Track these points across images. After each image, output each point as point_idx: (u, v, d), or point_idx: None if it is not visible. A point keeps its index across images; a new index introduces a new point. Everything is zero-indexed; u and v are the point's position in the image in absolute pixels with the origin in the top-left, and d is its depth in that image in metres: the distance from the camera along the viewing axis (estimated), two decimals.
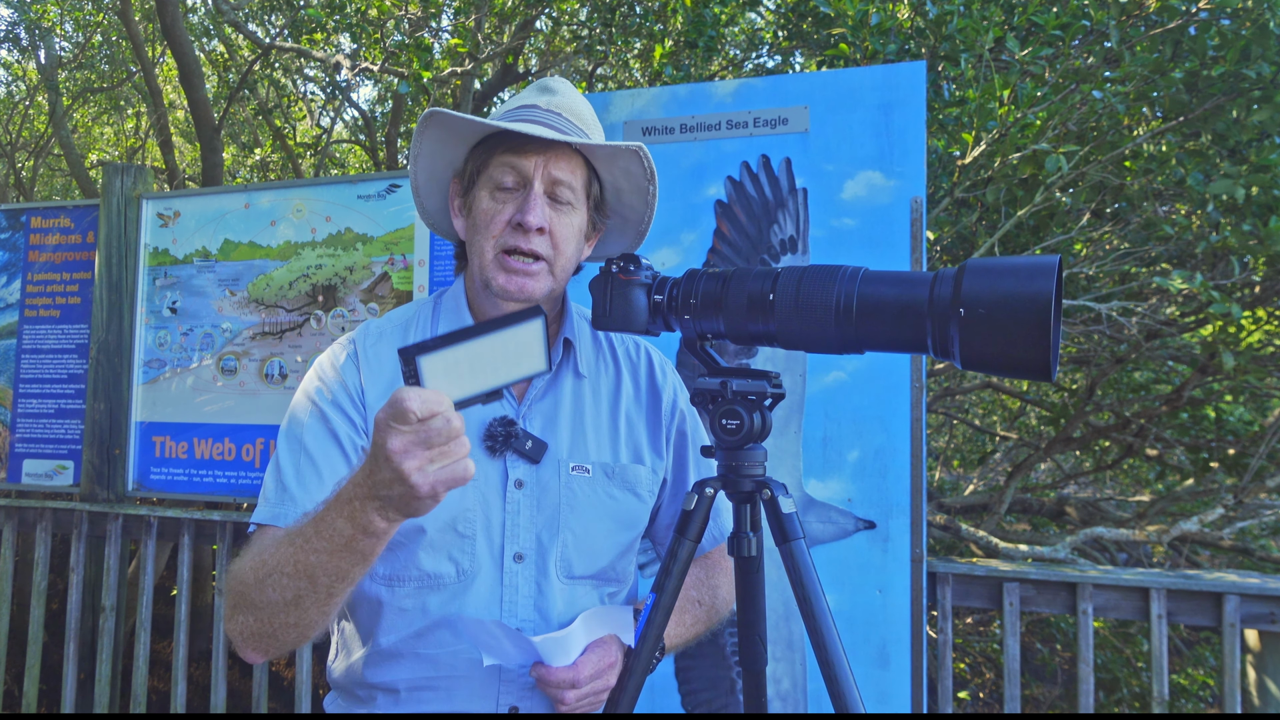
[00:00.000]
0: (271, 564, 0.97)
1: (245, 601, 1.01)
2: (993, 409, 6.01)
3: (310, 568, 0.93)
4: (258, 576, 0.99)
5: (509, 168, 1.14)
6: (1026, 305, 0.83)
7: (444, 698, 1.15)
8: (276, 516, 1.10)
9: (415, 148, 1.21)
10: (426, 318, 1.26)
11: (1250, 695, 2.21)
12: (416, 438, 0.81)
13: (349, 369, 1.19)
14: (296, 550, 0.94)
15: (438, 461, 0.82)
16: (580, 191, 1.18)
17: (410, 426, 0.81)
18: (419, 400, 0.80)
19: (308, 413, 1.16)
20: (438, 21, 5.51)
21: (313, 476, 1.11)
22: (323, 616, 0.99)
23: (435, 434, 0.81)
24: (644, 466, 1.25)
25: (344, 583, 0.95)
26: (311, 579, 0.94)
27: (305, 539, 0.94)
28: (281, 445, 1.16)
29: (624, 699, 1.03)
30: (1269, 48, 2.55)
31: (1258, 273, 2.92)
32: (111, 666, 2.96)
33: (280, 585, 0.96)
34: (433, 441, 0.81)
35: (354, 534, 0.90)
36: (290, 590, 0.96)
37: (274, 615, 0.98)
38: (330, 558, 0.92)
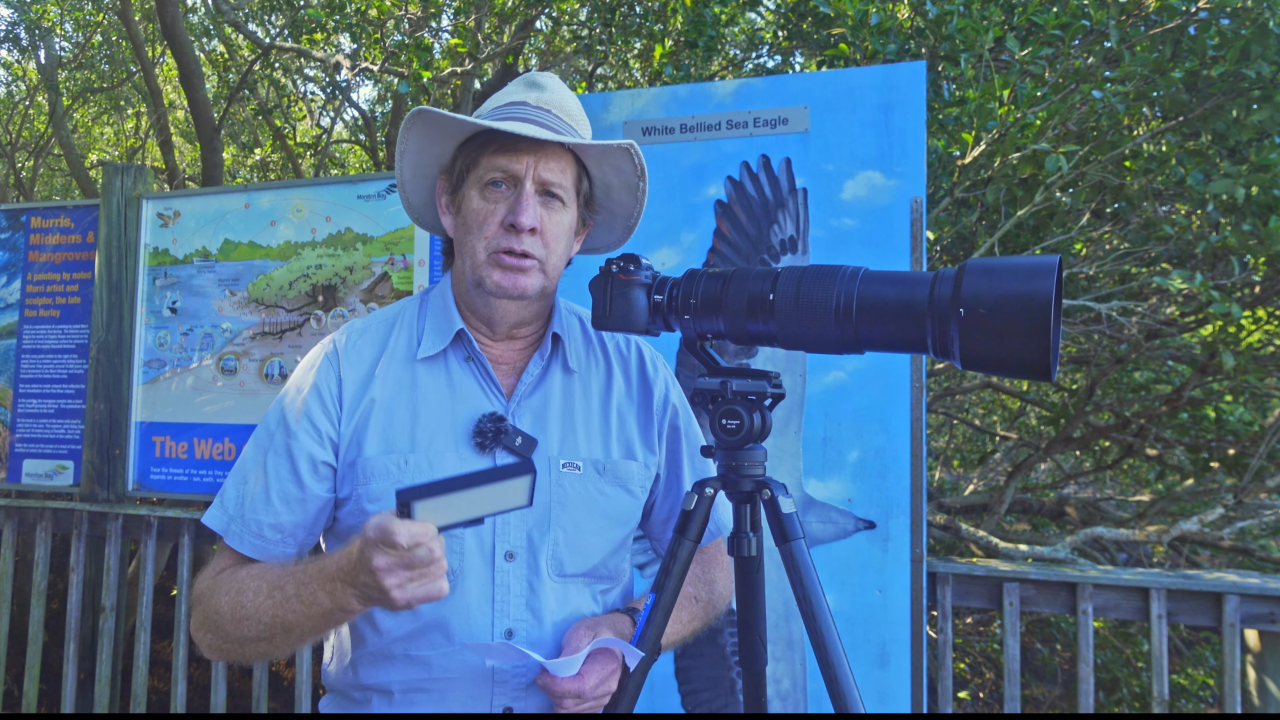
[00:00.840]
0: (249, 609, 1.07)
1: (217, 629, 1.11)
2: (993, 409, 6.01)
3: (287, 623, 1.04)
4: (234, 616, 1.08)
5: (500, 167, 1.13)
6: (1026, 305, 0.83)
7: (437, 699, 1.14)
8: (228, 532, 1.17)
9: (402, 144, 1.20)
10: (412, 316, 1.26)
11: (1250, 695, 2.21)
12: (400, 561, 0.90)
13: (325, 371, 1.20)
14: (275, 606, 1.04)
15: (416, 581, 0.92)
16: (570, 189, 1.17)
17: (395, 552, 0.90)
18: (406, 534, 0.88)
19: (277, 425, 1.19)
20: (438, 21, 5.51)
21: (263, 500, 1.16)
22: (291, 651, 1.10)
23: (417, 560, 0.90)
24: (636, 462, 1.24)
25: (317, 636, 1.07)
26: (287, 631, 1.05)
27: (285, 599, 1.04)
28: (249, 451, 1.21)
29: (624, 699, 1.03)
30: (1269, 47, 2.55)
31: (1258, 273, 2.92)
32: (111, 666, 2.96)
33: (255, 629, 1.07)
34: (414, 565, 0.90)
35: (332, 609, 1.00)
36: (265, 633, 1.06)
37: (245, 646, 1.10)
38: (308, 620, 1.03)
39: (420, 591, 0.92)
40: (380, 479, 1.14)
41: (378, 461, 1.15)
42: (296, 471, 1.15)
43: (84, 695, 2.98)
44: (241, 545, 1.16)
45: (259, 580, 1.08)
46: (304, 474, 1.15)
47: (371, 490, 1.14)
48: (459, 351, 1.21)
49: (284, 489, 1.15)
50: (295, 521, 1.16)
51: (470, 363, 1.21)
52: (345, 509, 1.17)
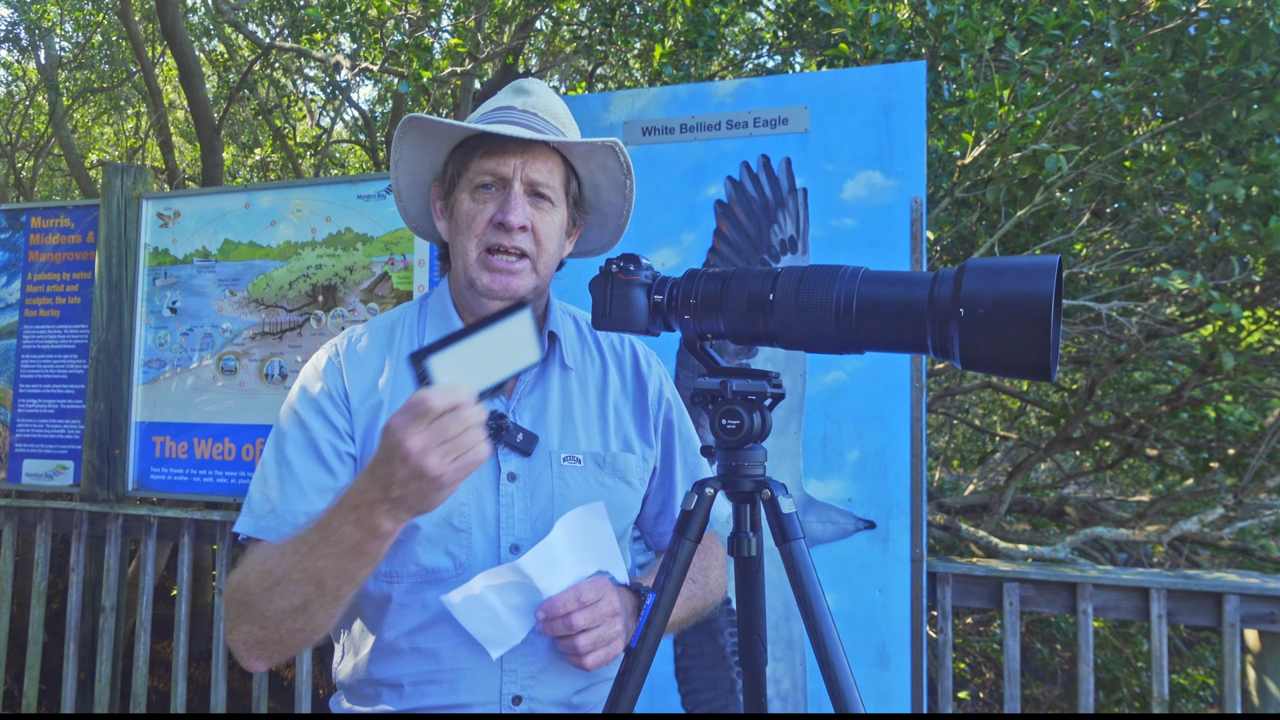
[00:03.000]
0: (278, 573, 1.01)
1: (251, 611, 1.05)
2: (993, 409, 6.01)
3: (318, 573, 0.97)
4: (264, 586, 1.03)
5: (488, 169, 1.16)
6: (1026, 305, 0.83)
7: (447, 690, 1.16)
8: (262, 529, 1.13)
9: (395, 153, 1.23)
10: (412, 320, 1.28)
11: (1250, 695, 2.21)
12: (434, 434, 0.85)
13: (331, 373, 1.21)
14: (303, 558, 0.98)
15: (454, 452, 0.86)
16: (559, 189, 1.20)
17: (427, 425, 0.85)
18: (439, 395, 0.85)
19: (290, 422, 1.19)
20: (438, 21, 5.51)
21: (294, 490, 1.14)
22: (328, 620, 1.03)
23: (449, 427, 0.85)
24: (634, 455, 1.28)
25: (351, 584, 0.99)
26: (320, 583, 0.98)
27: (311, 546, 0.98)
28: (268, 453, 1.19)
29: (624, 699, 1.02)
30: (1269, 48, 2.55)
31: (1258, 273, 2.92)
32: (111, 666, 2.96)
33: (288, 593, 1.00)
34: (448, 434, 0.86)
35: (362, 537, 0.94)
36: (299, 596, 0.99)
37: (281, 622, 1.02)
38: (338, 561, 0.96)
39: (461, 462, 0.87)
40: None
41: None
42: (323, 459, 1.16)
43: (84, 695, 2.98)
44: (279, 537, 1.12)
45: (283, 545, 1.05)
46: (330, 461, 1.16)
47: None
48: None
49: (315, 478, 1.15)
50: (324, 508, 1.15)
51: None
52: None
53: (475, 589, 1.07)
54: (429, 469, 0.86)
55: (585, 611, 1.08)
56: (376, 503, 0.91)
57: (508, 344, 0.91)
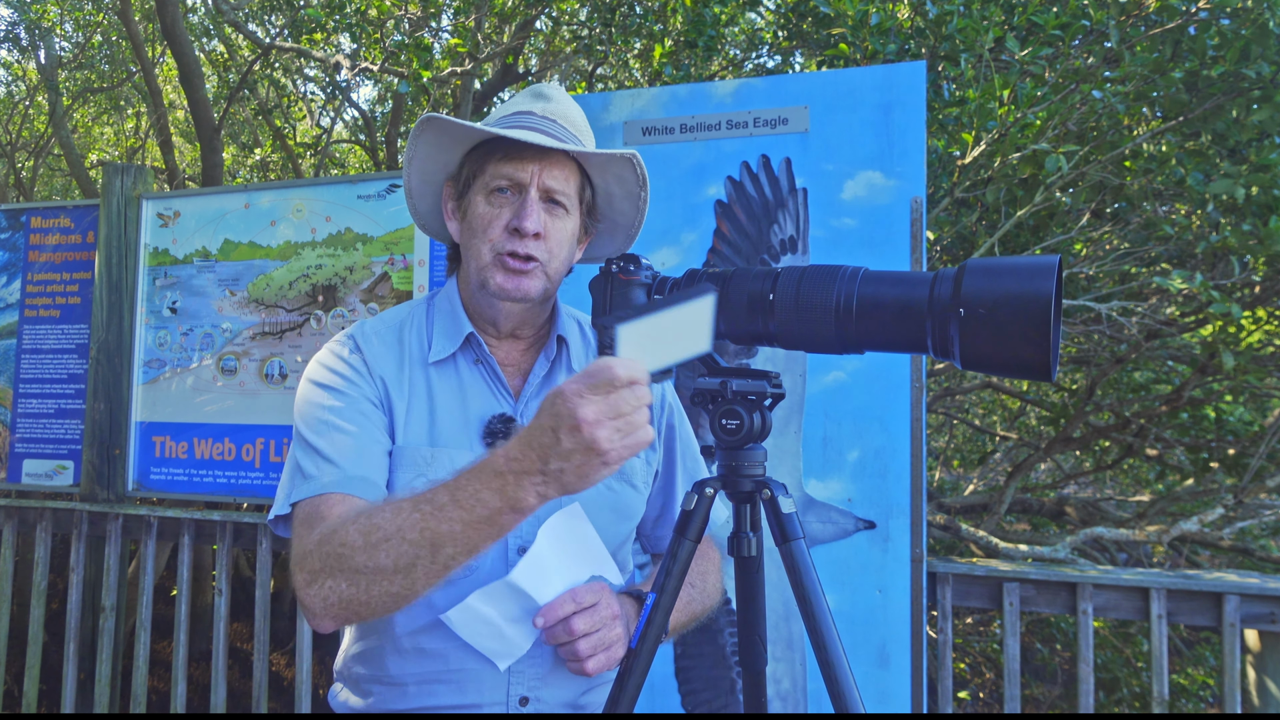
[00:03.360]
0: (388, 528, 0.95)
1: (345, 566, 0.97)
2: (993, 409, 6.01)
3: (439, 536, 0.92)
4: (368, 541, 0.95)
5: (506, 174, 1.15)
6: (1026, 305, 0.83)
7: (455, 690, 1.16)
8: (327, 485, 1.07)
9: (410, 150, 1.23)
10: (421, 319, 1.28)
11: (1250, 695, 2.21)
12: (609, 406, 0.82)
13: (355, 357, 1.20)
14: (424, 517, 0.92)
15: (624, 431, 0.83)
16: (574, 197, 1.20)
17: (604, 396, 0.82)
18: (624, 366, 0.82)
19: (325, 397, 1.15)
20: (438, 21, 5.51)
21: (349, 446, 1.10)
22: (428, 586, 0.97)
23: (625, 403, 0.83)
24: (638, 459, 1.28)
25: (468, 555, 0.94)
26: (435, 547, 0.92)
27: (438, 507, 0.92)
28: (303, 433, 1.14)
29: (624, 699, 1.03)
30: (1269, 48, 2.55)
31: (1258, 273, 2.92)
32: (111, 666, 2.96)
33: (397, 551, 0.94)
34: (623, 410, 0.83)
35: (501, 508, 0.89)
36: (407, 556, 0.93)
37: (378, 581, 0.96)
38: (465, 528, 0.91)
39: (631, 439, 0.84)
40: (407, 469, 1.16)
41: (406, 452, 1.17)
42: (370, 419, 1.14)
43: (84, 695, 2.98)
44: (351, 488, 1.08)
45: (396, 504, 0.97)
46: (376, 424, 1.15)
47: (396, 480, 1.15)
48: (468, 355, 1.24)
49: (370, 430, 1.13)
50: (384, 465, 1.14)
51: (480, 365, 1.24)
52: None
53: (471, 605, 1.06)
54: (599, 442, 0.82)
55: (584, 615, 1.07)
56: (529, 473, 0.86)
57: (688, 325, 0.88)
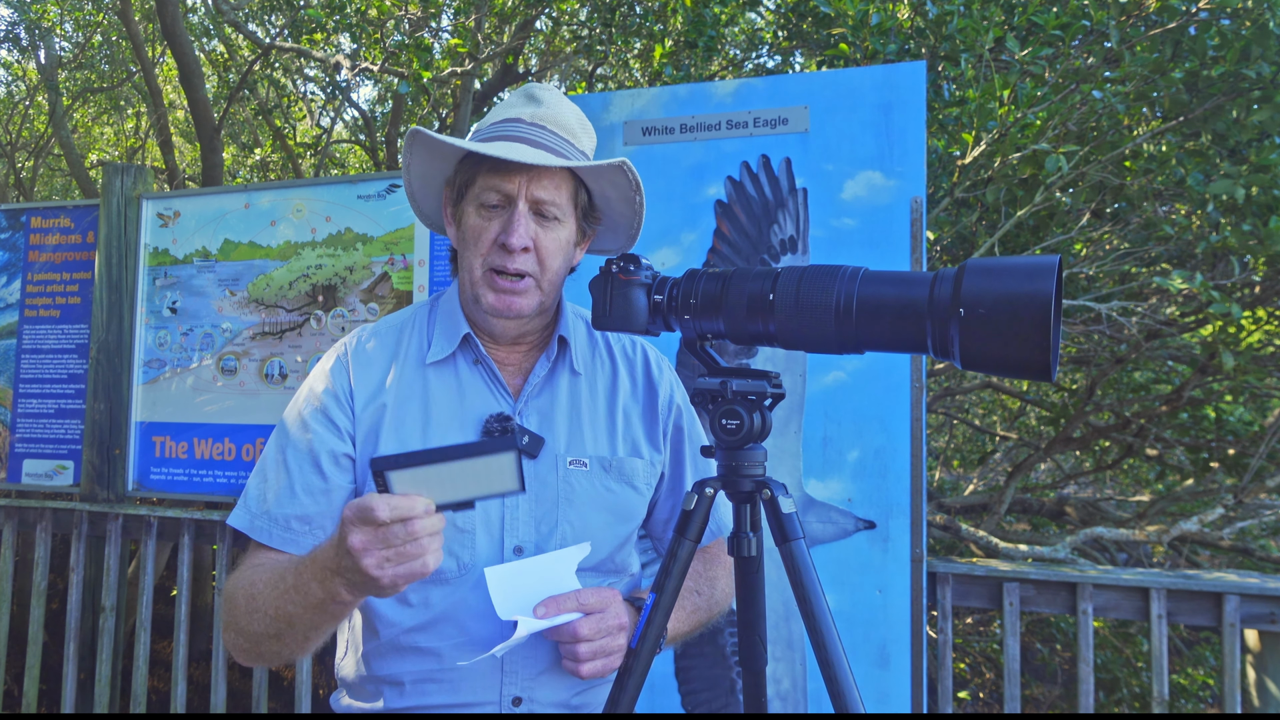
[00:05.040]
0: (258, 602, 1.07)
1: (235, 625, 1.11)
2: (993, 409, 6.01)
3: (289, 616, 1.03)
4: (247, 608, 1.08)
5: (494, 187, 1.15)
6: (1026, 305, 0.83)
7: (448, 689, 1.16)
8: (255, 530, 1.17)
9: (405, 159, 1.24)
10: (423, 322, 1.28)
11: (1250, 695, 2.21)
12: (375, 538, 0.88)
13: (339, 373, 1.22)
14: (278, 598, 1.04)
15: (394, 560, 0.89)
16: (566, 205, 1.18)
17: (371, 529, 0.88)
18: (385, 506, 0.87)
19: (294, 424, 1.21)
20: (438, 21, 5.51)
21: (288, 493, 1.17)
22: (303, 650, 1.08)
23: (394, 536, 0.88)
24: (641, 460, 1.27)
25: (318, 632, 1.05)
26: (290, 625, 1.04)
27: (285, 591, 1.03)
28: (269, 451, 1.22)
29: (624, 699, 1.02)
30: (1269, 48, 2.55)
31: (1258, 273, 2.91)
32: (111, 666, 2.96)
33: (263, 622, 1.06)
34: (391, 542, 0.88)
35: (324, 599, 0.98)
36: (272, 628, 1.05)
37: (259, 643, 1.09)
38: (305, 612, 1.01)
39: (402, 570, 0.89)
40: None
41: None
42: (318, 464, 1.17)
43: (84, 695, 2.98)
44: (270, 539, 1.16)
45: (270, 572, 1.08)
46: (325, 466, 1.17)
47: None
48: (467, 355, 1.25)
49: (307, 481, 1.17)
50: (321, 512, 1.17)
51: (479, 365, 1.24)
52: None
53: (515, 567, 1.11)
54: (366, 569, 0.89)
55: (590, 620, 1.09)
56: (335, 573, 0.94)
57: (486, 474, 0.91)
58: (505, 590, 1.08)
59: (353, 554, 0.89)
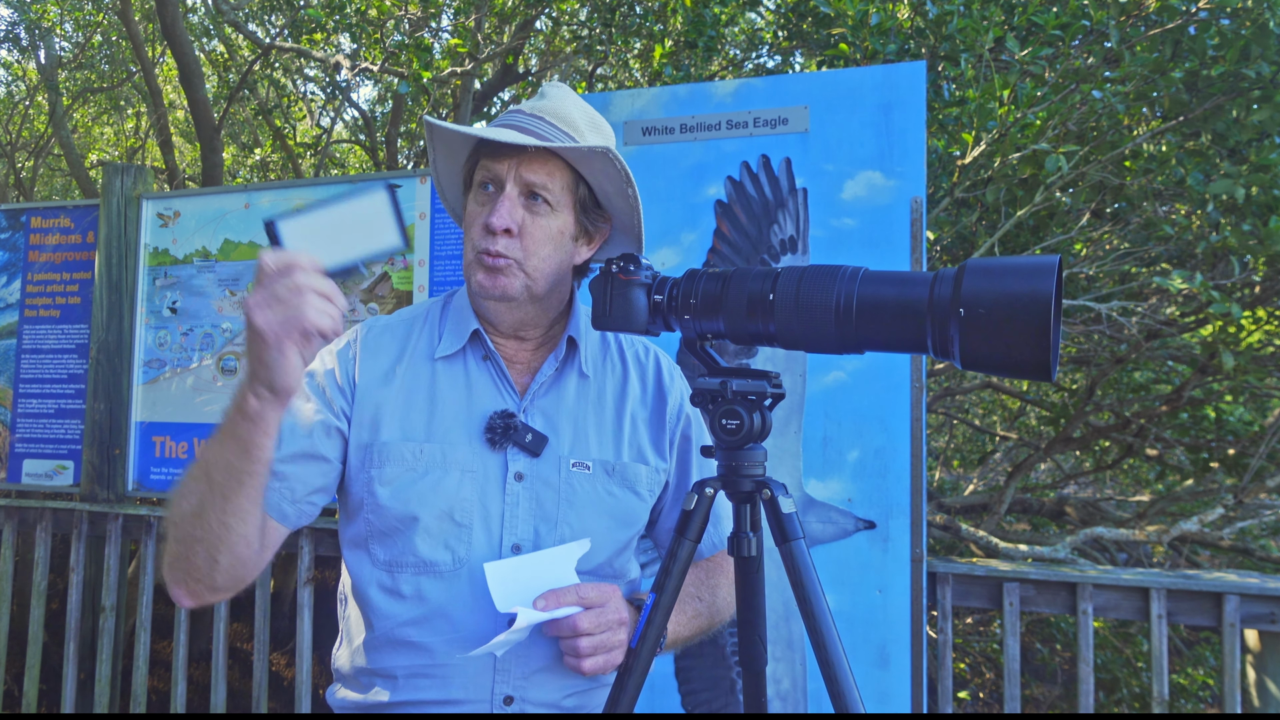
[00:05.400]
0: (183, 477, 1.05)
1: (170, 527, 1.07)
2: (993, 409, 6.01)
3: (208, 466, 1.00)
4: (177, 493, 1.06)
5: (486, 170, 1.18)
6: (1026, 305, 0.83)
7: (439, 685, 1.16)
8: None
9: (430, 154, 1.27)
10: (435, 316, 1.30)
11: (1250, 695, 2.21)
12: (265, 292, 0.90)
13: (344, 359, 1.24)
14: (200, 452, 1.04)
15: (274, 307, 0.90)
16: (559, 193, 1.18)
17: (263, 285, 0.90)
18: (272, 256, 0.91)
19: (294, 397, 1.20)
20: (438, 21, 5.51)
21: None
22: (223, 529, 1.02)
23: (281, 285, 0.90)
24: (646, 466, 1.27)
25: (234, 481, 1.00)
26: (209, 480, 1.00)
27: (209, 439, 1.02)
28: None
29: (624, 699, 1.02)
30: (1269, 48, 2.55)
31: (1258, 273, 2.91)
32: (111, 666, 2.96)
33: (188, 494, 1.03)
34: (278, 293, 0.90)
35: (236, 419, 0.97)
36: (194, 499, 1.02)
37: (184, 530, 1.04)
38: (220, 449, 0.99)
39: (278, 316, 0.89)
40: (395, 463, 1.18)
41: (394, 446, 1.18)
42: (309, 429, 1.18)
43: (84, 695, 2.98)
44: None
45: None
46: (316, 432, 1.18)
47: (385, 473, 1.17)
48: (477, 351, 1.26)
49: (295, 442, 1.17)
50: (297, 475, 1.17)
51: (487, 361, 1.25)
52: (357, 483, 1.21)
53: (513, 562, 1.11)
54: (255, 322, 0.90)
55: (590, 614, 1.09)
56: (245, 380, 0.95)
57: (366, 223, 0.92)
58: (505, 585, 1.08)
59: (247, 313, 0.91)
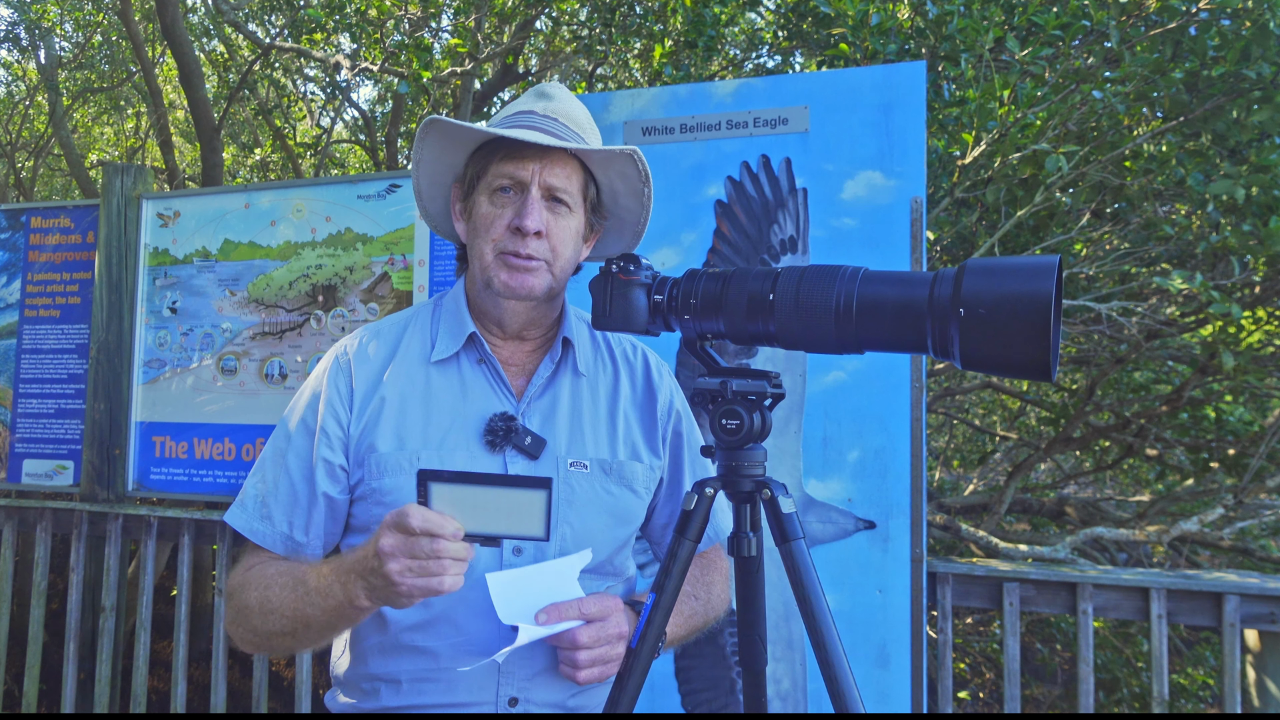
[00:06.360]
0: (274, 604, 1.10)
1: (246, 623, 1.14)
2: (993, 409, 6.01)
3: (307, 618, 1.07)
4: (261, 610, 1.11)
5: (507, 173, 1.16)
6: (1026, 305, 0.83)
7: (444, 689, 1.17)
8: (256, 533, 1.20)
9: (416, 154, 1.24)
10: (426, 320, 1.29)
11: (1250, 695, 2.21)
12: (404, 545, 0.93)
13: (336, 374, 1.23)
14: (297, 600, 1.08)
15: (415, 571, 0.93)
16: (576, 195, 1.20)
17: (402, 536, 0.93)
18: (420, 516, 0.92)
19: (297, 427, 1.22)
20: (438, 21, 5.51)
21: (289, 498, 1.20)
22: (315, 646, 1.14)
23: (420, 548, 0.92)
24: (641, 464, 1.28)
25: (334, 632, 1.10)
26: (307, 626, 1.08)
27: (305, 593, 1.07)
28: (269, 451, 1.23)
29: (624, 699, 1.02)
30: (1269, 48, 2.54)
31: (1258, 273, 2.91)
32: (111, 666, 2.96)
33: (278, 623, 1.10)
34: (417, 554, 0.93)
35: (343, 603, 1.02)
36: (287, 627, 1.09)
37: (270, 640, 1.13)
38: (323, 615, 1.05)
39: (420, 583, 0.93)
40: (393, 474, 1.18)
41: (390, 457, 1.18)
42: (313, 475, 1.19)
43: (84, 695, 2.98)
44: (270, 544, 1.20)
45: (285, 576, 1.12)
46: (319, 477, 1.19)
47: (385, 485, 1.18)
48: (471, 354, 1.25)
49: (304, 489, 1.19)
50: (316, 521, 1.20)
51: (482, 365, 1.25)
52: (358, 505, 1.21)
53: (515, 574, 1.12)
54: (389, 573, 0.93)
55: (590, 628, 1.09)
56: (360, 577, 0.99)
57: (516, 509, 0.96)
58: (507, 596, 1.08)
59: (381, 556, 0.93)
